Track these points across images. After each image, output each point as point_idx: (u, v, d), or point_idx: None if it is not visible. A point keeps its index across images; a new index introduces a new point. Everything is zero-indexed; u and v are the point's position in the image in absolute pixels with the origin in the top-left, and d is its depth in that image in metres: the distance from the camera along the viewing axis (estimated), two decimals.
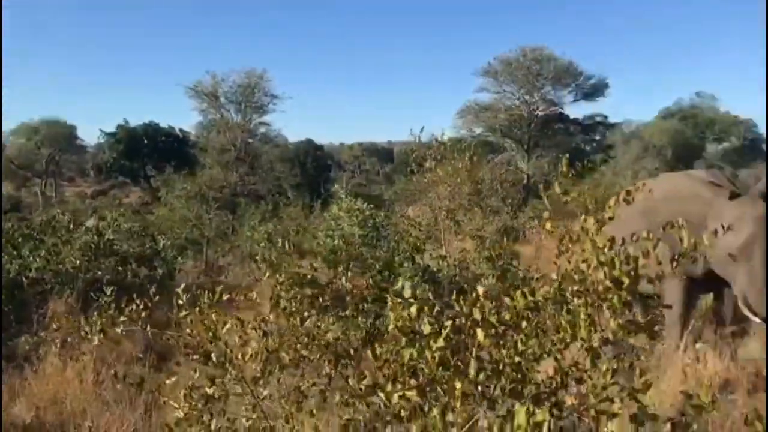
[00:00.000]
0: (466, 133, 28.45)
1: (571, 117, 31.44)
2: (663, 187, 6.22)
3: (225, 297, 3.06)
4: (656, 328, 6.51)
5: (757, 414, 1.87)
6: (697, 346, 5.66)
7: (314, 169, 36.86)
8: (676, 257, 2.31)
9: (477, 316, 1.90)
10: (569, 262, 2.20)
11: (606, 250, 2.05)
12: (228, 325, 2.90)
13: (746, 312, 5.40)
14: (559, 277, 2.13)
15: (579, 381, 2.13)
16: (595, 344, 2.05)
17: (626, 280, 2.02)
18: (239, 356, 2.86)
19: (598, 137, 32.55)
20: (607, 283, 1.99)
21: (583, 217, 2.27)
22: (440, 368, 1.88)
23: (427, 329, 1.91)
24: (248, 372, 2.93)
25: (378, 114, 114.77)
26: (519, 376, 2.10)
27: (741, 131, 31.19)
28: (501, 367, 2.03)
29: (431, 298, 2.48)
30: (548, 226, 2.38)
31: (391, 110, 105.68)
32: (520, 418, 1.64)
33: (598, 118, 32.21)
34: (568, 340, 2.08)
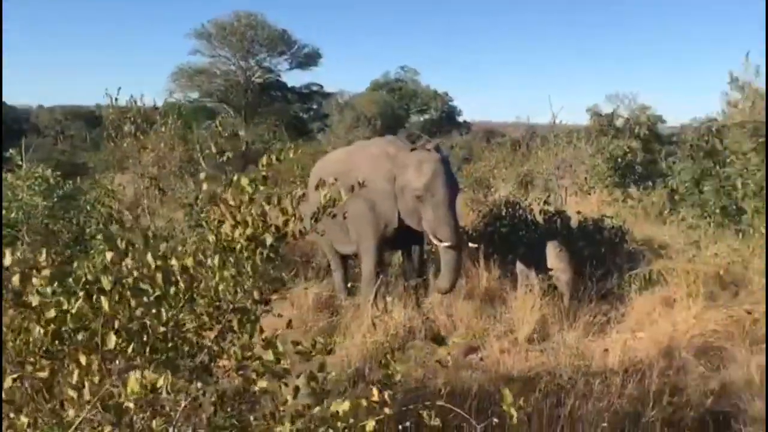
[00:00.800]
0: (182, 98, 27.37)
1: (289, 85, 31.94)
2: (355, 150, 6.85)
3: None
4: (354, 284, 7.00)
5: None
6: (388, 299, 6.12)
7: None
8: (318, 212, 2.35)
9: (105, 283, 1.72)
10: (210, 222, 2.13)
11: (242, 209, 2.02)
12: None
13: (435, 242, 5.99)
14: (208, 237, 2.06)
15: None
16: (242, 304, 2.02)
17: (268, 238, 2.02)
18: None
19: (315, 106, 33.57)
20: (242, 241, 1.96)
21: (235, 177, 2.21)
22: (56, 342, 1.68)
23: (35, 300, 1.68)
24: None
25: (83, 75, 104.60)
26: (169, 344, 1.97)
27: (439, 104, 34.57)
28: (145, 338, 1.88)
29: None
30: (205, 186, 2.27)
31: (100, 70, 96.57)
32: (131, 384, 1.56)
33: (315, 88, 33.22)
34: (214, 302, 2.01)
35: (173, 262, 1.84)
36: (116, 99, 8.88)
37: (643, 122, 12.21)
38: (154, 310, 1.88)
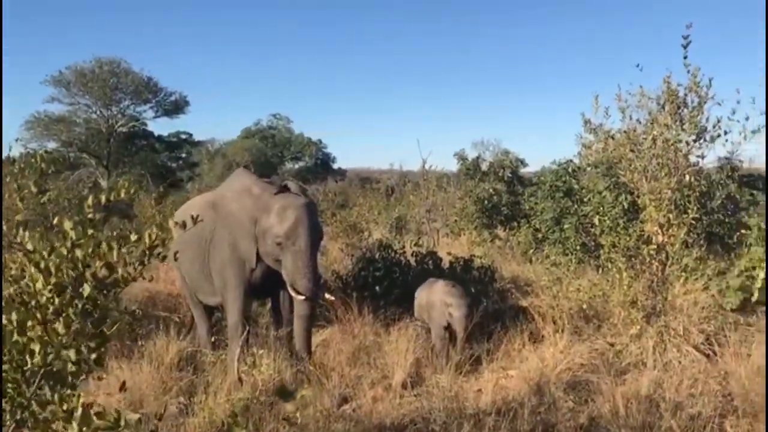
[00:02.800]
0: (37, 147, 25.52)
1: (156, 134, 30.80)
2: (223, 186, 6.60)
3: None
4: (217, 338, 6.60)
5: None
6: (260, 351, 5.78)
7: None
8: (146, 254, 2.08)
9: None
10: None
11: (48, 255, 1.73)
12: None
13: (292, 293, 5.73)
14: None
15: None
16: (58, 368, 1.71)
17: (86, 288, 1.74)
18: None
19: (183, 155, 32.55)
20: (46, 293, 1.67)
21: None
22: None
23: None
24: None
25: None
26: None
27: (313, 151, 34.62)
28: None
29: None
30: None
31: None
32: None
33: (184, 136, 32.24)
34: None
35: None
36: None
37: (507, 165, 12.72)
38: None
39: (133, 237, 2.10)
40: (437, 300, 6.06)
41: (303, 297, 5.66)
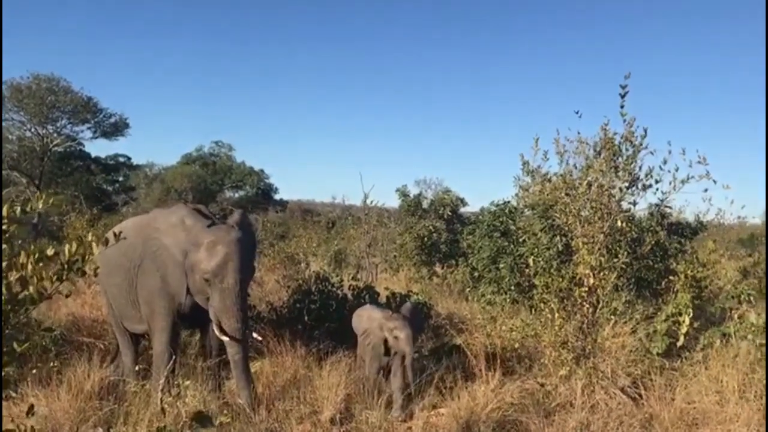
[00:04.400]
0: None
1: (93, 155, 29.93)
2: (156, 215, 6.22)
3: None
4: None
5: None
6: (186, 382, 5.57)
7: None
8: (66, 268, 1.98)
9: None
10: None
11: None
12: None
13: (218, 333, 5.51)
14: None
15: None
16: None
17: None
18: None
19: (121, 178, 31.69)
20: None
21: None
22: None
23: None
24: None
25: None
26: None
27: (255, 181, 34.24)
28: None
29: None
30: None
31: None
32: None
33: (122, 159, 31.41)
34: None
35: None
36: None
37: (447, 204, 12.85)
38: None
39: (50, 251, 2.00)
40: (375, 325, 5.95)
41: (227, 338, 5.47)
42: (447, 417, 5.25)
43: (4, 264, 1.86)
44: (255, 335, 5.98)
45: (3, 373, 1.86)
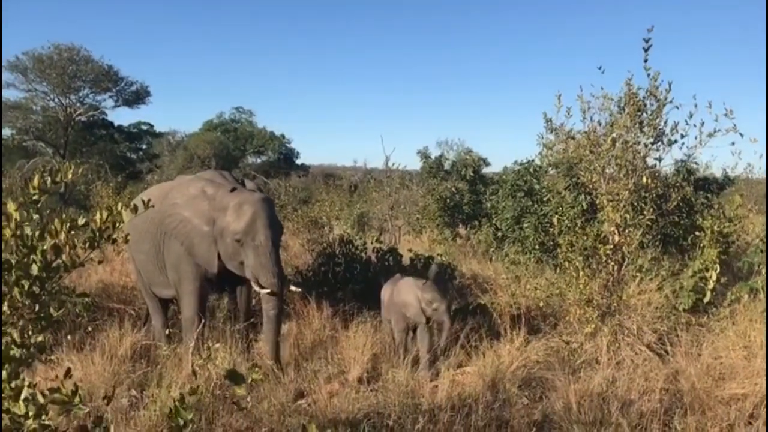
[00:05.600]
0: None
1: (116, 124, 30.14)
2: (174, 187, 6.27)
3: None
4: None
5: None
6: (216, 345, 5.69)
7: None
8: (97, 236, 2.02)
9: None
10: None
11: None
12: None
13: (256, 287, 5.62)
14: None
15: None
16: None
17: (34, 268, 1.68)
18: None
19: (144, 146, 31.91)
20: None
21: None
22: None
23: None
24: None
25: None
26: None
27: (276, 146, 34.28)
28: None
29: None
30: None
31: None
32: None
33: (144, 127, 31.59)
34: None
35: None
36: None
37: (469, 164, 12.75)
38: None
39: (81, 220, 2.04)
40: (411, 297, 5.92)
41: (267, 291, 5.55)
42: (473, 375, 5.31)
43: (36, 233, 1.90)
44: (293, 287, 6.09)
45: (39, 339, 1.91)
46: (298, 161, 35.22)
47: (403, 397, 4.70)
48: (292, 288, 6.05)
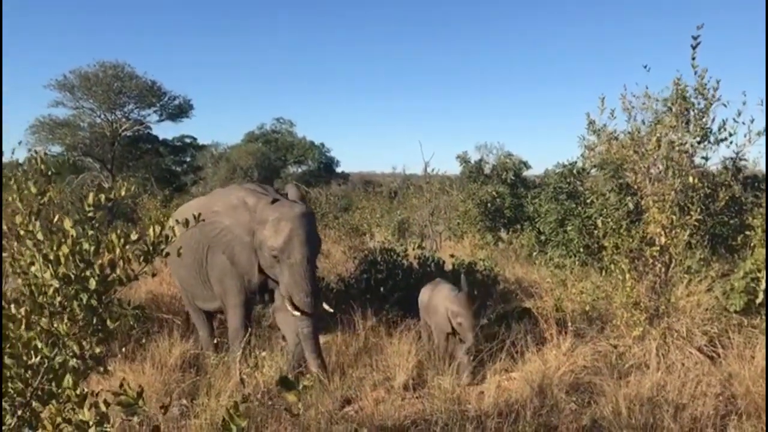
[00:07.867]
0: (42, 151, 25.40)
1: (160, 138, 30.79)
2: (216, 198, 6.36)
3: None
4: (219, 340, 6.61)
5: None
6: (262, 353, 5.78)
7: None
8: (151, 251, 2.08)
9: None
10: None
11: (55, 246, 1.73)
12: None
13: (289, 308, 5.60)
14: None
15: None
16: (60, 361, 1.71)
17: (92, 282, 1.73)
18: None
19: (188, 158, 32.51)
20: (55, 283, 1.67)
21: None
22: None
23: None
24: None
25: None
26: None
27: (316, 155, 34.59)
28: None
29: None
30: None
31: None
32: None
33: (188, 140, 32.19)
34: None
35: None
36: None
37: (510, 168, 12.69)
38: None
39: (134, 236, 2.10)
40: (441, 306, 5.91)
41: (299, 313, 5.55)
42: (519, 381, 5.26)
43: (92, 248, 1.96)
44: (325, 305, 6.08)
45: (97, 351, 1.98)
46: (338, 169, 35.45)
47: (449, 403, 4.69)
48: (325, 306, 6.04)
